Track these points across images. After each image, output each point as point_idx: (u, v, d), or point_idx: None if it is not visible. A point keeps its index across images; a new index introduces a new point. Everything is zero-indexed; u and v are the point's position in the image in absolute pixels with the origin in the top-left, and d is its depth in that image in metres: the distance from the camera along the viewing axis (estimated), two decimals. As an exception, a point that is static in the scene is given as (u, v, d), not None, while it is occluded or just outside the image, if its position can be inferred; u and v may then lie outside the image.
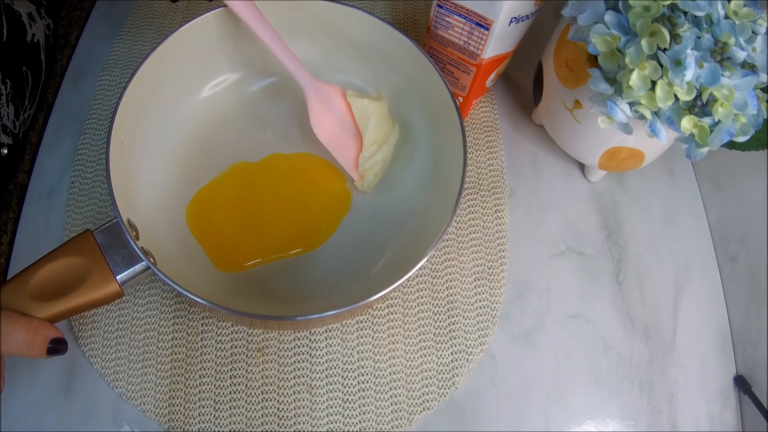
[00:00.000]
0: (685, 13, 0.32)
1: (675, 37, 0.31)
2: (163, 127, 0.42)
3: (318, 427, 0.38)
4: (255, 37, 0.40)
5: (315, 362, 0.40)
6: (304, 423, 0.38)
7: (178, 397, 0.39)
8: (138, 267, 0.33)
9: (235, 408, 0.38)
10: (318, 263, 0.41)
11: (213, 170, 0.44)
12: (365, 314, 0.41)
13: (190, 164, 0.43)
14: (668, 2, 0.31)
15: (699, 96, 0.32)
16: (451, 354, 0.41)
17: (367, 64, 0.46)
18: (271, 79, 0.47)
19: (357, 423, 0.38)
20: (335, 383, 0.39)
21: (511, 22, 0.39)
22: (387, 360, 0.40)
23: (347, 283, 0.40)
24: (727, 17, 0.32)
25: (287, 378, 0.39)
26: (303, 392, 0.39)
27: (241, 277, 0.40)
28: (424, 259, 0.34)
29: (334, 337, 0.41)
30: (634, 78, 0.32)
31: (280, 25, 0.41)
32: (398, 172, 0.45)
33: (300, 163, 0.45)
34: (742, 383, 0.41)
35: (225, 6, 0.40)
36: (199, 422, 0.38)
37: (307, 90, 0.42)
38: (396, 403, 0.39)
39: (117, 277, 0.33)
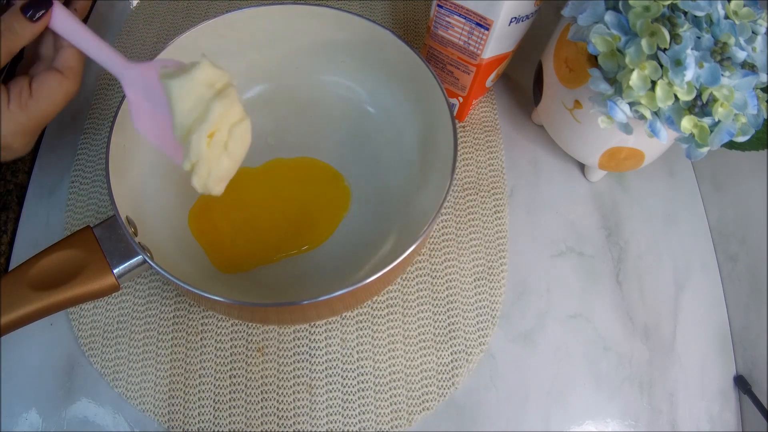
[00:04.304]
0: (685, 13, 0.32)
1: (675, 37, 0.31)
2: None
3: (317, 426, 0.38)
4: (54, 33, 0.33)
5: (314, 362, 0.40)
6: (303, 423, 0.38)
7: (177, 397, 0.39)
8: (134, 261, 0.33)
9: (234, 408, 0.38)
10: (315, 261, 0.41)
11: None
12: (365, 314, 0.41)
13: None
14: (668, 2, 0.31)
15: (699, 96, 0.32)
16: (451, 354, 0.41)
17: (353, 61, 0.46)
18: (271, 86, 0.47)
19: (356, 423, 0.38)
20: (335, 383, 0.39)
21: (511, 22, 0.39)
22: (387, 360, 0.40)
23: (344, 278, 0.40)
24: (727, 17, 0.32)
25: (287, 378, 0.39)
26: (302, 392, 0.39)
27: (240, 277, 0.41)
28: (415, 245, 0.34)
29: (334, 337, 0.41)
30: (634, 78, 0.32)
31: (270, 28, 0.41)
32: (392, 170, 0.44)
33: (300, 166, 0.45)
34: (742, 383, 0.41)
35: (225, 14, 0.40)
36: (198, 422, 0.38)
37: (122, 79, 0.33)
38: (396, 403, 0.39)
39: (113, 271, 0.33)
